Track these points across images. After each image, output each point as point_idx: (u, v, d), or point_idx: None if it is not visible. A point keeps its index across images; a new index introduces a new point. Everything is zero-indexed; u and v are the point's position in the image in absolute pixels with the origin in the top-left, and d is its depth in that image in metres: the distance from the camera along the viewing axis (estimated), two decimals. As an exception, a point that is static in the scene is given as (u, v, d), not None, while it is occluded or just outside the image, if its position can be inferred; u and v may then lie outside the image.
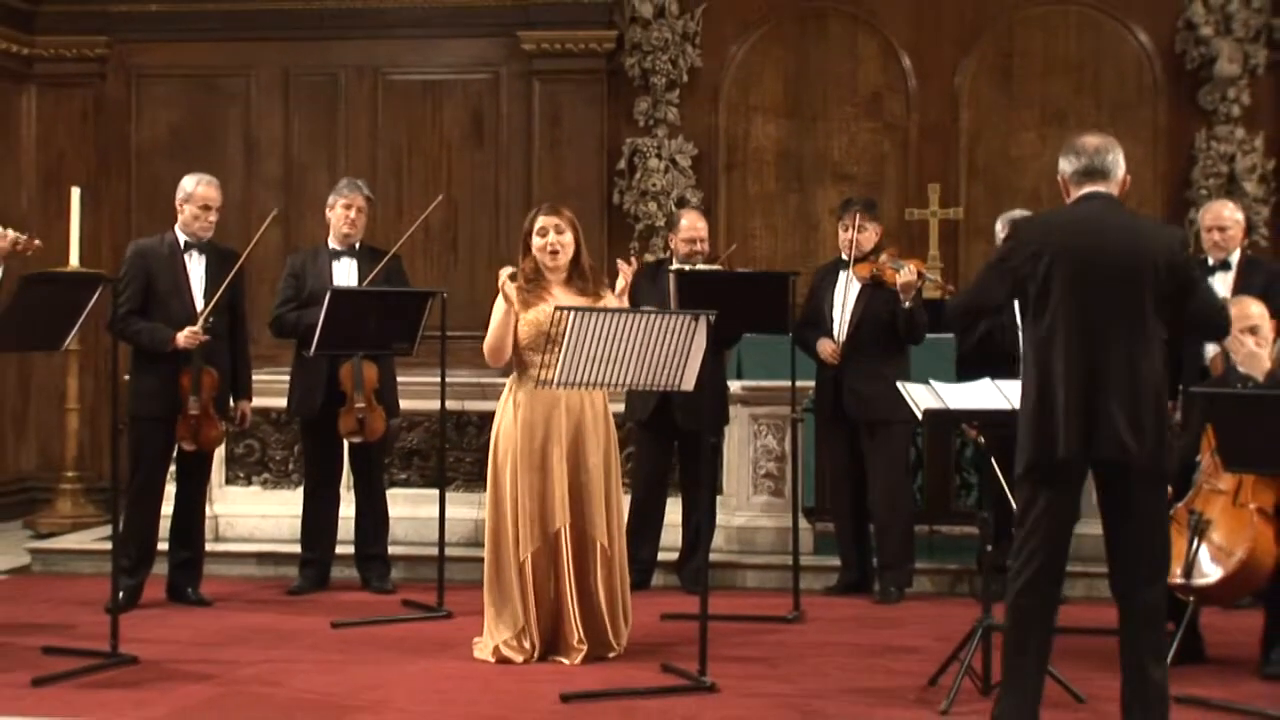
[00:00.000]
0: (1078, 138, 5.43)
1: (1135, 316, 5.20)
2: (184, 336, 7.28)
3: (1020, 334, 6.27)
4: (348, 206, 7.91)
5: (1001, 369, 6.44)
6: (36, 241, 6.72)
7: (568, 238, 6.44)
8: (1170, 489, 6.37)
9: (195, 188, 7.57)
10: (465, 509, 8.25)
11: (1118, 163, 5.34)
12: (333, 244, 7.96)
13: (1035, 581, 5.28)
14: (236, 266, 7.52)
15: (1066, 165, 5.38)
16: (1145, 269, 5.20)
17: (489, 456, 6.54)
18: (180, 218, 7.57)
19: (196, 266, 7.54)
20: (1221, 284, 7.63)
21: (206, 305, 7.41)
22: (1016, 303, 5.52)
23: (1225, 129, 10.60)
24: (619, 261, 6.60)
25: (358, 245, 7.96)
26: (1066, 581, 5.71)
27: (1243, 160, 10.54)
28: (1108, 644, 5.54)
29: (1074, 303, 5.19)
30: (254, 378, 7.91)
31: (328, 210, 8.00)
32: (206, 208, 7.54)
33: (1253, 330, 6.39)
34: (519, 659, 6.30)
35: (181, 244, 7.54)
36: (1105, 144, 5.35)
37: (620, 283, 6.63)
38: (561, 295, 6.36)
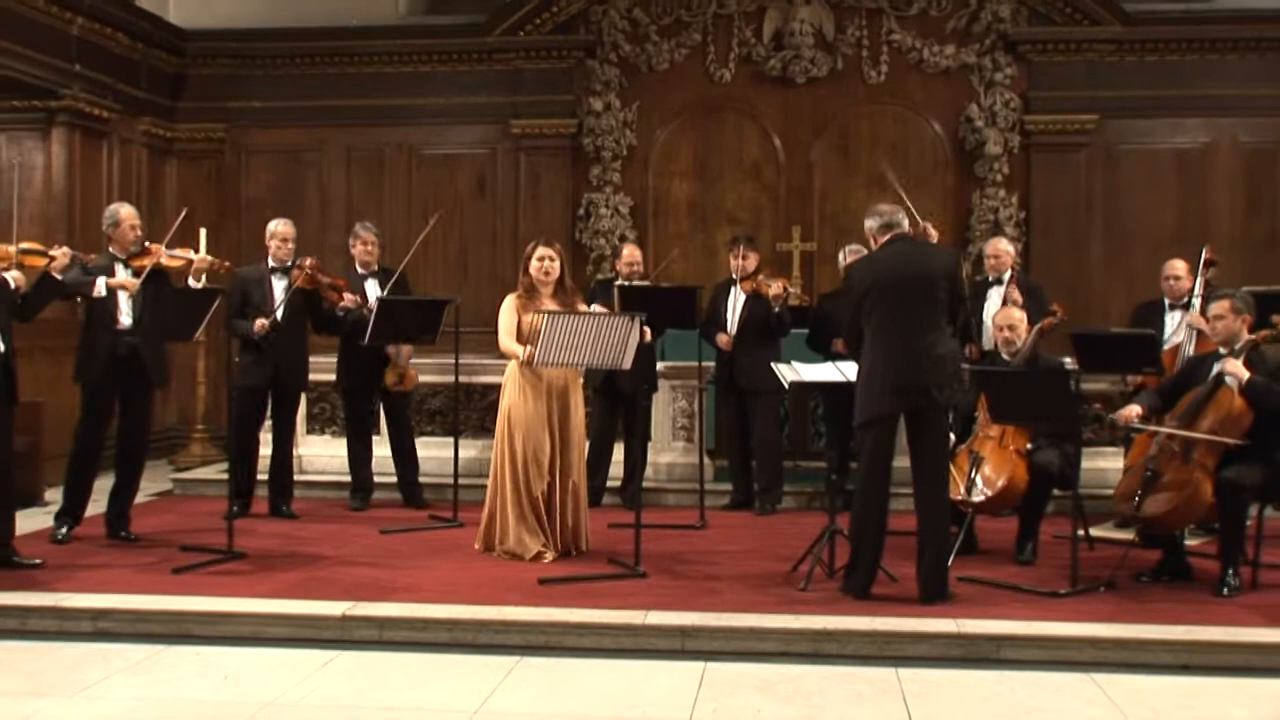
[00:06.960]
0: (875, 206, 5.65)
1: (932, 313, 5.32)
2: (257, 325, 7.14)
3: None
4: (364, 242, 7.86)
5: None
6: (226, 263, 6.65)
7: (557, 264, 6.40)
8: (955, 435, 6.47)
9: (276, 227, 7.51)
10: (472, 451, 8.20)
11: (903, 219, 5.55)
12: (359, 268, 7.87)
13: (869, 497, 5.38)
14: (295, 283, 7.32)
15: (872, 224, 5.56)
16: (936, 279, 5.35)
17: (501, 419, 6.34)
18: (270, 250, 7.48)
19: (278, 284, 7.41)
20: (996, 295, 7.67)
21: (285, 311, 7.26)
22: None
23: (992, 190, 10.68)
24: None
25: (375, 267, 7.88)
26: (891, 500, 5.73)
27: (1004, 212, 10.62)
28: (911, 542, 5.58)
29: (892, 308, 5.31)
30: (322, 360, 7.86)
31: (350, 245, 7.95)
32: (285, 240, 7.47)
33: (1010, 328, 6.47)
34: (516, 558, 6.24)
35: (270, 268, 7.45)
36: (894, 208, 5.58)
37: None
38: (549, 304, 6.32)
